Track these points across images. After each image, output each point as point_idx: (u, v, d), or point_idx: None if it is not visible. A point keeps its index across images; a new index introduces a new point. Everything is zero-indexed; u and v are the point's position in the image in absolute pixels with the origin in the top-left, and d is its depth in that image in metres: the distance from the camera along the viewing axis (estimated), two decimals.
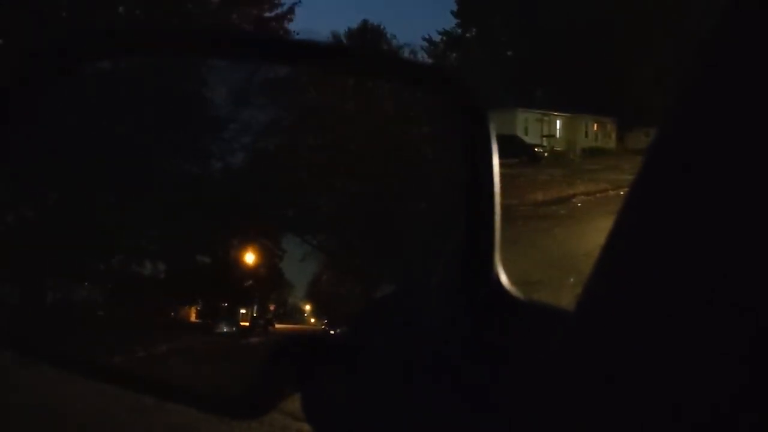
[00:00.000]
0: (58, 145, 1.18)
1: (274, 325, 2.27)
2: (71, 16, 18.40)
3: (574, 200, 15.93)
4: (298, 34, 23.06)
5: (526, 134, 34.87)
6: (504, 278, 0.64)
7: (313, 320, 2.13)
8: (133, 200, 1.51)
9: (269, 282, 2.25)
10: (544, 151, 32.15)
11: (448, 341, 0.64)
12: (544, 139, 36.52)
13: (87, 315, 1.71)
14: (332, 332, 1.85)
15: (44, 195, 1.42)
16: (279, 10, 22.05)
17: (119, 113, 1.26)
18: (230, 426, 4.26)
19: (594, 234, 9.88)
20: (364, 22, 46.29)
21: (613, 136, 40.12)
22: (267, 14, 21.95)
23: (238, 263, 2.01)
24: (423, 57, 49.09)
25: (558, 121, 38.79)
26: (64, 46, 0.78)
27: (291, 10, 22.00)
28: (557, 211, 14.14)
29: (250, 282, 2.26)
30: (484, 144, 0.67)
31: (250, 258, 2.01)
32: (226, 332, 2.15)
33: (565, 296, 6.45)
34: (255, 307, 2.31)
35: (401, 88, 0.95)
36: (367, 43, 44.72)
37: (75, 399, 4.19)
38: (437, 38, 46.31)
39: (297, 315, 2.18)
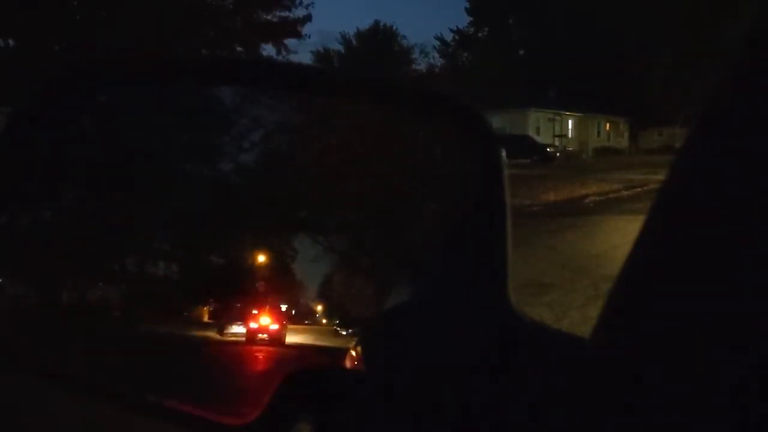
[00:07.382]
0: (72, 147, 1.19)
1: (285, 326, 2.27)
2: (84, 17, 18.53)
3: (586, 200, 15.83)
4: (309, 36, 23.32)
5: (538, 134, 34.72)
6: (518, 306, 0.63)
7: (324, 321, 2.13)
8: (147, 201, 1.53)
9: (281, 283, 2.26)
10: (556, 151, 31.98)
11: (462, 369, 0.63)
12: (556, 138, 36.33)
13: (102, 315, 1.72)
14: (343, 332, 1.85)
15: (59, 196, 1.43)
16: (291, 14, 22.26)
17: (131, 115, 1.27)
18: None
19: (606, 235, 9.81)
20: (376, 22, 46.34)
21: (626, 135, 39.82)
22: (284, 14, 22.15)
23: (250, 264, 2.01)
24: (434, 56, 49.03)
25: (570, 121, 38.55)
26: (74, 77, 0.81)
27: (307, 17, 22.24)
28: (570, 211, 14.07)
29: (262, 282, 2.27)
30: (495, 177, 0.67)
31: (261, 258, 2.01)
32: (238, 333, 2.16)
33: (578, 299, 6.41)
34: (267, 308, 2.32)
35: (413, 116, 0.97)
36: (378, 44, 44.69)
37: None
38: (449, 37, 46.19)
39: (308, 316, 2.19)
